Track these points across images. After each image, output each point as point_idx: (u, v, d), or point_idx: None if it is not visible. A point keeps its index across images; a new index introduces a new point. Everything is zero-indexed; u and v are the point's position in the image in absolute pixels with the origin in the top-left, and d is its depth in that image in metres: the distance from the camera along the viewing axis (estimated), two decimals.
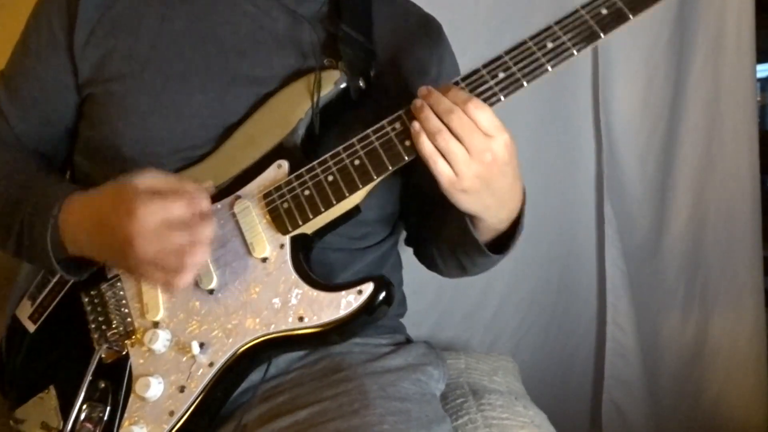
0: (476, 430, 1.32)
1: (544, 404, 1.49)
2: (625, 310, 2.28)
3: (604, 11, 1.07)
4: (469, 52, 1.59)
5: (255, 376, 1.17)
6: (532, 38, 1.09)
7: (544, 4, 1.96)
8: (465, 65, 1.37)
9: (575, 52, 1.07)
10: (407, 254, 1.48)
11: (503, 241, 1.21)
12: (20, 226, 1.17)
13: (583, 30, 1.08)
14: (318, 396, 1.13)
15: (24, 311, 1.25)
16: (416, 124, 1.06)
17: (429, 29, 1.41)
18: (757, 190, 2.26)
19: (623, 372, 2.33)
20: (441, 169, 1.04)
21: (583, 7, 1.09)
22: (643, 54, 2.16)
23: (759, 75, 2.56)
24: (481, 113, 1.03)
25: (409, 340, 1.39)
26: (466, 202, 1.08)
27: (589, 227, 2.31)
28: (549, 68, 1.07)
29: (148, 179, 1.05)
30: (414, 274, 1.49)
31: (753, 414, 2.34)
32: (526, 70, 1.08)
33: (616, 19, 1.07)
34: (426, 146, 1.04)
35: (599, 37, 1.07)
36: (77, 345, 1.17)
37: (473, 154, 1.03)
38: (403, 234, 1.47)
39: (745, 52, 2.17)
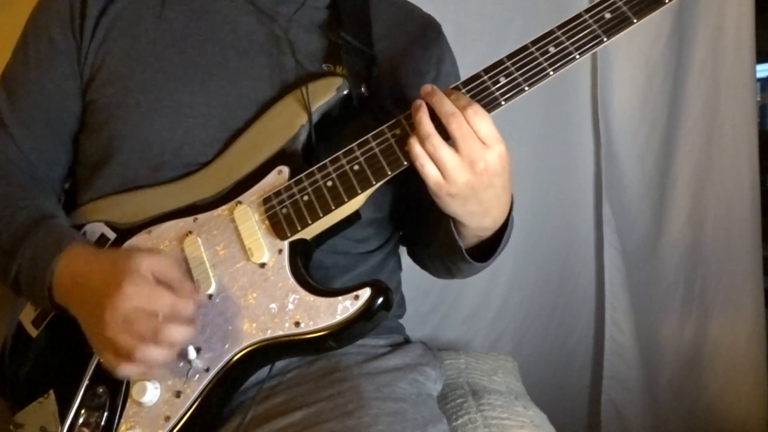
0: (476, 430, 1.32)
1: (542, 404, 1.49)
2: (623, 309, 2.29)
3: (608, 15, 1.07)
4: (472, 52, 1.59)
5: (253, 378, 1.16)
6: (534, 43, 1.08)
7: (546, 4, 1.97)
8: (467, 65, 1.37)
9: (578, 56, 1.07)
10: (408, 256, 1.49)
11: (487, 249, 1.21)
12: (17, 271, 1.16)
13: (587, 34, 1.07)
14: (314, 397, 1.13)
15: (27, 316, 1.25)
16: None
17: (427, 30, 1.40)
18: (756, 190, 2.26)
19: (622, 372, 2.33)
20: (428, 171, 1.04)
21: (586, 11, 1.08)
22: (642, 54, 2.16)
23: (759, 75, 2.57)
24: (481, 121, 1.03)
25: (407, 341, 1.39)
26: (451, 205, 1.08)
27: (588, 227, 2.31)
28: (551, 73, 1.07)
29: (153, 262, 1.05)
30: (416, 275, 1.50)
31: (752, 414, 2.34)
32: (528, 75, 1.07)
33: (620, 23, 1.07)
34: (415, 149, 1.04)
35: (603, 41, 1.07)
36: (77, 350, 1.16)
37: (465, 160, 1.03)
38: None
39: (745, 52, 2.17)
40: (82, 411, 1.12)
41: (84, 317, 1.09)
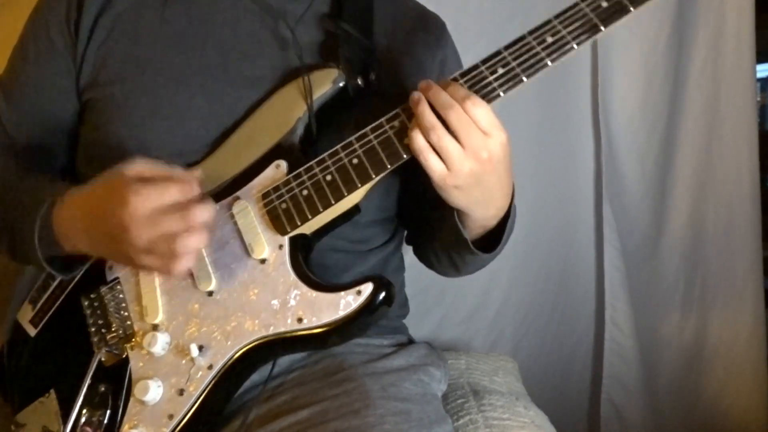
0: (477, 430, 1.32)
1: (542, 404, 1.49)
2: (623, 309, 2.29)
3: (605, 4, 1.06)
4: (472, 52, 1.58)
5: (257, 376, 1.16)
6: (531, 33, 1.08)
7: (546, 3, 1.96)
8: (469, 61, 1.36)
9: (575, 45, 1.06)
10: (409, 256, 1.48)
11: (492, 240, 1.20)
12: (11, 228, 1.17)
13: (584, 23, 1.06)
14: (319, 396, 1.13)
15: (25, 315, 1.25)
16: (413, 120, 1.06)
17: (431, 28, 1.39)
18: (756, 190, 2.26)
19: (622, 372, 2.33)
20: (432, 164, 1.03)
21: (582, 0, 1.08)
22: (642, 54, 2.16)
23: (759, 75, 2.57)
24: (480, 111, 1.02)
25: (411, 341, 1.39)
26: (456, 196, 1.08)
27: (588, 227, 2.31)
28: (549, 63, 1.06)
29: (137, 167, 1.03)
30: (416, 275, 1.49)
31: (752, 414, 2.35)
32: (526, 65, 1.06)
33: (617, 11, 1.06)
34: (418, 141, 1.03)
35: (599, 30, 1.06)
36: (77, 349, 1.17)
37: (469, 151, 1.02)
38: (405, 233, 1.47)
39: (745, 52, 2.17)
40: (85, 410, 1.12)
41: (107, 248, 1.08)
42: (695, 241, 2.32)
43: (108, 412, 1.11)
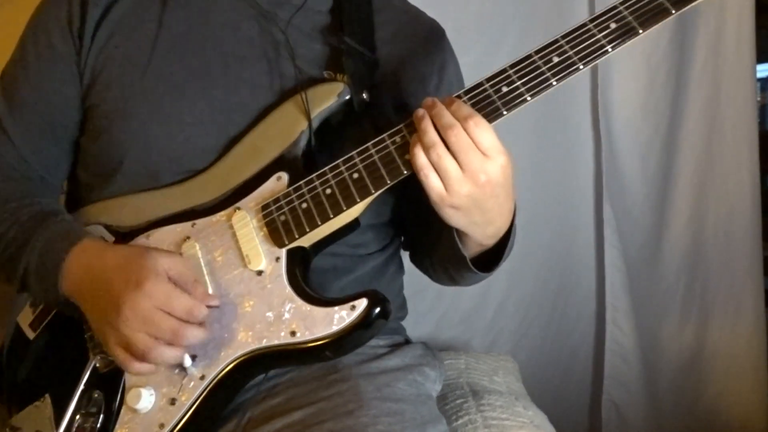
0: (476, 430, 1.32)
1: (543, 404, 1.49)
2: (624, 310, 2.29)
3: (613, 25, 1.05)
4: (471, 52, 1.58)
5: (252, 379, 1.16)
6: (537, 52, 1.06)
7: (545, 4, 1.96)
8: (467, 65, 1.37)
9: (582, 67, 1.05)
10: (408, 256, 1.48)
11: (490, 258, 1.20)
12: (27, 265, 1.15)
13: (591, 44, 1.05)
14: (313, 397, 1.13)
15: (25, 318, 1.25)
16: (415, 135, 1.05)
17: (430, 36, 1.38)
18: (757, 191, 2.26)
19: (622, 372, 2.33)
20: (431, 183, 1.03)
21: (591, 20, 1.06)
22: (643, 54, 2.16)
23: (759, 75, 2.56)
24: (482, 132, 1.01)
25: (407, 341, 1.39)
26: (453, 217, 1.07)
27: (589, 228, 2.31)
28: (554, 83, 1.06)
29: (170, 262, 1.07)
30: (414, 275, 1.49)
31: (752, 414, 2.35)
32: (530, 85, 1.05)
33: (625, 33, 1.05)
34: (420, 158, 1.03)
35: (607, 52, 1.05)
36: (73, 354, 1.17)
37: (468, 173, 1.01)
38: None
39: (745, 52, 2.17)
40: (77, 416, 1.12)
41: (96, 312, 1.09)
42: (696, 241, 2.32)
43: (101, 418, 1.12)
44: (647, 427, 2.37)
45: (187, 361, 1.08)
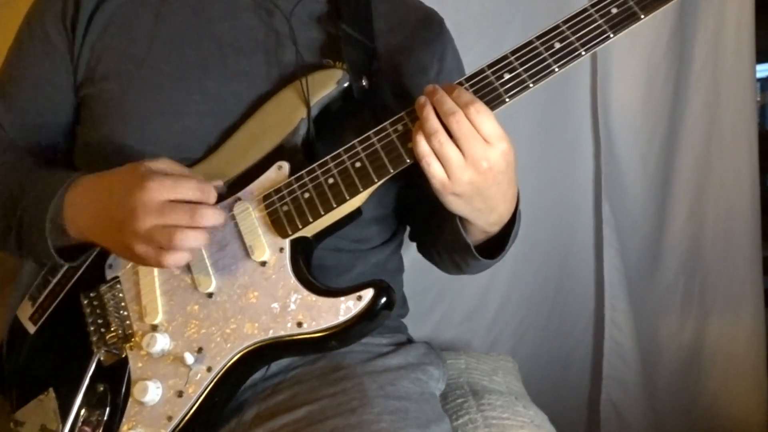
0: (476, 430, 1.32)
1: (542, 404, 1.49)
2: (623, 309, 2.29)
3: (615, 10, 1.05)
4: (472, 52, 1.58)
5: (255, 374, 1.16)
6: (539, 38, 1.06)
7: (546, 3, 1.96)
8: (468, 64, 1.36)
9: (584, 52, 1.05)
10: (408, 256, 1.49)
11: (495, 245, 1.20)
12: (20, 217, 1.15)
13: (592, 30, 1.05)
14: (317, 394, 1.13)
15: (25, 312, 1.24)
16: (417, 123, 1.05)
17: (429, 24, 1.39)
18: (756, 190, 2.25)
19: (621, 371, 2.33)
20: (434, 170, 1.03)
21: (592, 5, 1.06)
22: (643, 54, 2.15)
23: (759, 75, 2.57)
24: (484, 119, 1.01)
25: (410, 340, 1.39)
26: (455, 204, 1.08)
27: (588, 227, 2.31)
28: (556, 69, 1.05)
29: (162, 161, 1.06)
30: (416, 275, 1.50)
31: (751, 414, 2.34)
32: (533, 71, 1.05)
33: (627, 18, 1.05)
34: (421, 146, 1.03)
35: (609, 37, 1.05)
36: (77, 347, 1.17)
37: (469, 159, 1.02)
38: (407, 231, 1.47)
39: (745, 52, 2.17)
40: (83, 409, 1.12)
41: (110, 232, 1.07)
42: (695, 241, 2.31)
43: (107, 411, 1.12)
44: (646, 426, 2.37)
45: (190, 360, 1.09)
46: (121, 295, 1.17)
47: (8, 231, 1.18)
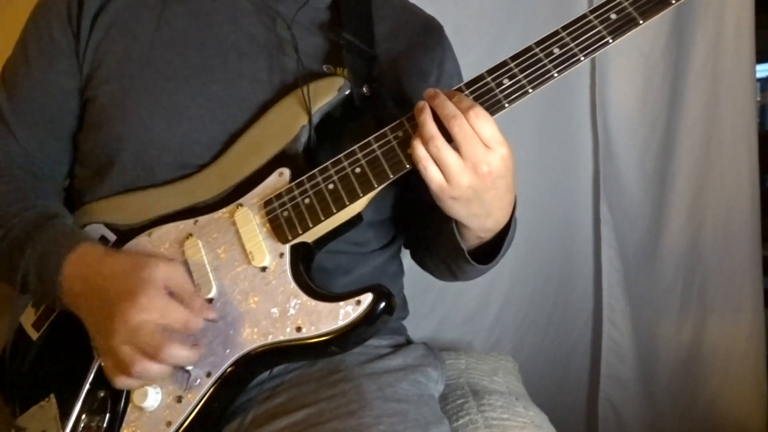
0: (477, 430, 1.32)
1: (540, 403, 1.49)
2: (621, 309, 2.29)
3: (614, 16, 1.06)
4: (472, 52, 1.58)
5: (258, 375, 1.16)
6: (538, 44, 1.07)
7: (546, 3, 1.96)
8: (468, 65, 1.37)
9: (583, 58, 1.06)
10: (409, 258, 1.49)
11: (489, 251, 1.20)
12: (26, 270, 1.15)
13: (592, 36, 1.06)
14: (316, 397, 1.13)
15: (28, 319, 1.24)
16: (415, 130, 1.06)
17: (429, 31, 1.39)
18: (756, 190, 2.26)
19: (619, 371, 2.34)
20: (431, 174, 1.03)
21: (591, 11, 1.07)
22: (641, 53, 2.16)
23: (758, 75, 2.57)
24: (484, 123, 1.02)
25: (408, 342, 1.39)
26: (454, 208, 1.08)
27: (587, 227, 2.31)
28: (555, 75, 1.06)
29: (168, 272, 1.07)
30: (417, 276, 1.49)
31: (750, 414, 2.35)
32: (532, 77, 1.06)
33: (626, 24, 1.05)
34: (419, 150, 1.03)
35: (608, 43, 1.05)
36: (78, 354, 1.16)
37: (469, 163, 1.02)
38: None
39: (745, 52, 2.17)
40: (83, 415, 1.12)
41: (91, 321, 1.09)
42: (694, 241, 2.32)
43: (107, 417, 1.11)
44: (644, 426, 2.37)
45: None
46: None
47: (14, 274, 1.18)
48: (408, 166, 1.08)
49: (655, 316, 2.37)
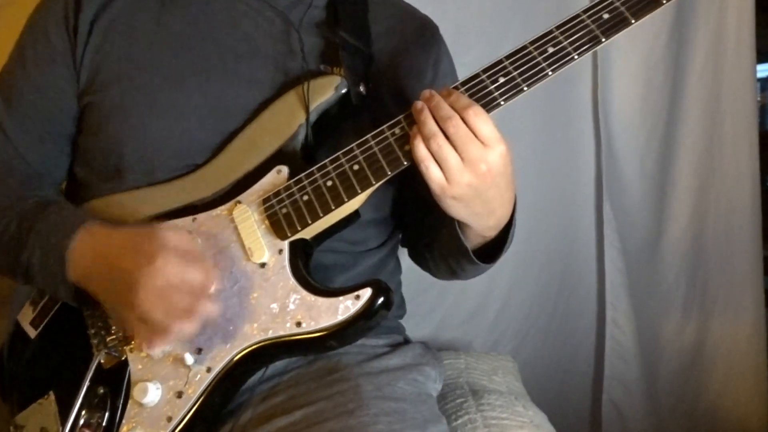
0: (476, 430, 1.32)
1: (543, 404, 1.49)
2: (624, 309, 2.29)
3: (606, 15, 1.07)
4: (472, 52, 1.58)
5: (252, 377, 1.17)
6: (532, 43, 1.08)
7: (546, 3, 1.96)
8: (467, 65, 1.36)
9: (576, 56, 1.07)
10: (407, 256, 1.48)
11: (491, 249, 1.20)
12: (30, 255, 1.15)
13: (585, 35, 1.08)
14: (314, 396, 1.13)
15: (25, 317, 1.25)
16: (414, 127, 1.06)
17: (424, 32, 1.40)
18: (757, 191, 2.26)
19: (623, 372, 2.33)
20: (432, 174, 1.04)
21: (584, 11, 1.09)
22: (642, 54, 2.16)
23: (759, 75, 2.57)
24: (481, 122, 1.02)
25: (406, 341, 1.39)
26: (454, 208, 1.08)
27: (589, 227, 2.31)
28: (550, 73, 1.07)
29: (177, 237, 1.07)
30: (417, 276, 1.49)
31: (752, 414, 2.35)
32: (527, 75, 1.07)
33: (618, 23, 1.07)
34: (420, 149, 1.04)
35: (600, 41, 1.07)
36: (77, 351, 1.17)
37: (467, 162, 1.03)
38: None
39: (745, 52, 2.17)
40: (83, 412, 1.12)
41: (109, 295, 1.09)
42: (696, 241, 2.31)
43: (107, 413, 1.12)
44: (647, 426, 2.37)
45: (189, 360, 1.09)
46: None
47: (16, 264, 1.18)
48: (406, 163, 1.09)
49: (657, 316, 2.37)
